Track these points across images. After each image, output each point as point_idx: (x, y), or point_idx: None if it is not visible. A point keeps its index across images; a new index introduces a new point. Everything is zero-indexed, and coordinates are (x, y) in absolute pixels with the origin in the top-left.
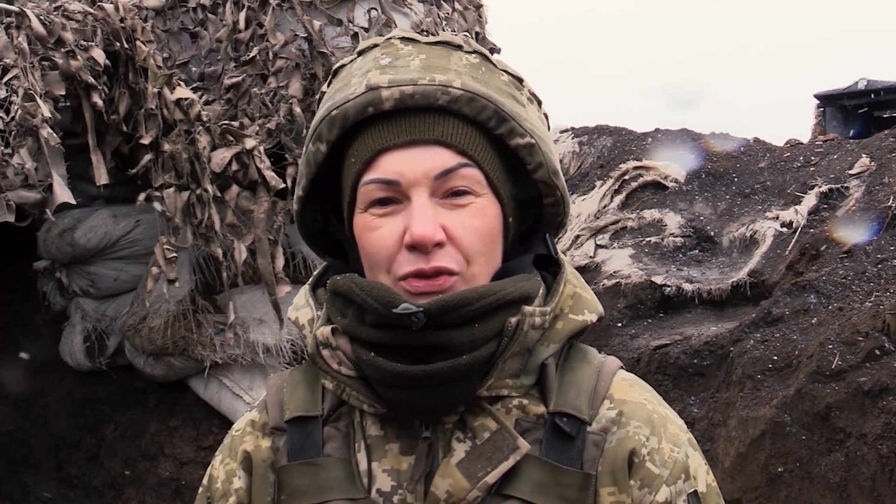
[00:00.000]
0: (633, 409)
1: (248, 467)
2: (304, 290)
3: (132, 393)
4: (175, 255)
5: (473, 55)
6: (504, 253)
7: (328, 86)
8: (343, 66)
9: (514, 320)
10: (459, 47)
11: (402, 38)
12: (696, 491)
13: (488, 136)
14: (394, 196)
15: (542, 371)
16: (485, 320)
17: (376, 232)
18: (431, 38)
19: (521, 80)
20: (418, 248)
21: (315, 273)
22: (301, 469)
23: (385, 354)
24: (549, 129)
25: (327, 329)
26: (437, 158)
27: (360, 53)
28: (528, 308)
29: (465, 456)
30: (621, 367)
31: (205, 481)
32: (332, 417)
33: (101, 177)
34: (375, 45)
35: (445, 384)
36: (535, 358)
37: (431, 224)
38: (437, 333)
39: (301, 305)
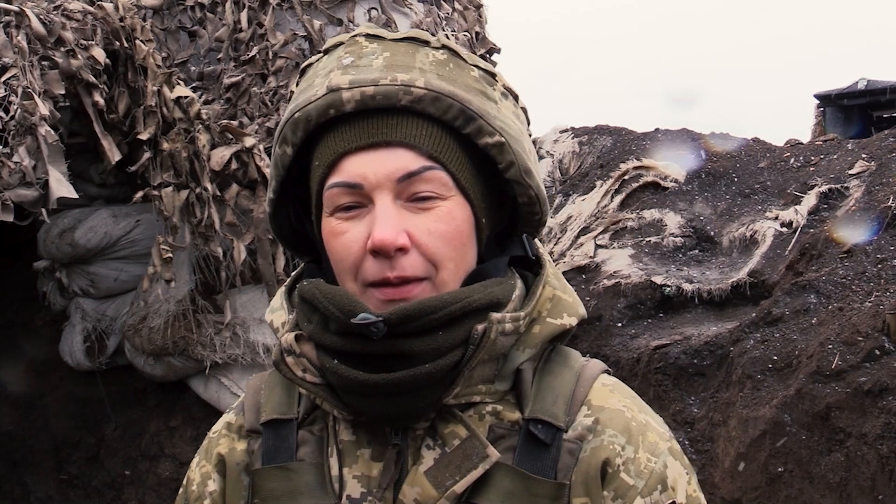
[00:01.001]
0: (611, 416)
1: (222, 470)
2: (280, 292)
3: (132, 393)
4: (171, 255)
5: (441, 51)
6: (480, 254)
7: (296, 85)
8: (309, 65)
9: (480, 328)
10: (427, 43)
11: (368, 36)
12: (674, 502)
13: (456, 135)
14: (358, 200)
15: (518, 377)
16: (449, 328)
17: (342, 237)
18: (398, 34)
19: (493, 75)
20: (380, 253)
21: (293, 274)
22: (274, 473)
23: (348, 362)
24: (528, 123)
25: (291, 336)
26: (401, 161)
27: (326, 52)
28: (496, 315)
29: (434, 464)
30: (605, 371)
31: (184, 482)
32: (307, 421)
33: (115, 155)
34: (341, 44)
35: (408, 392)
36: (510, 363)
37: (393, 229)
38: (400, 342)
39: (276, 308)
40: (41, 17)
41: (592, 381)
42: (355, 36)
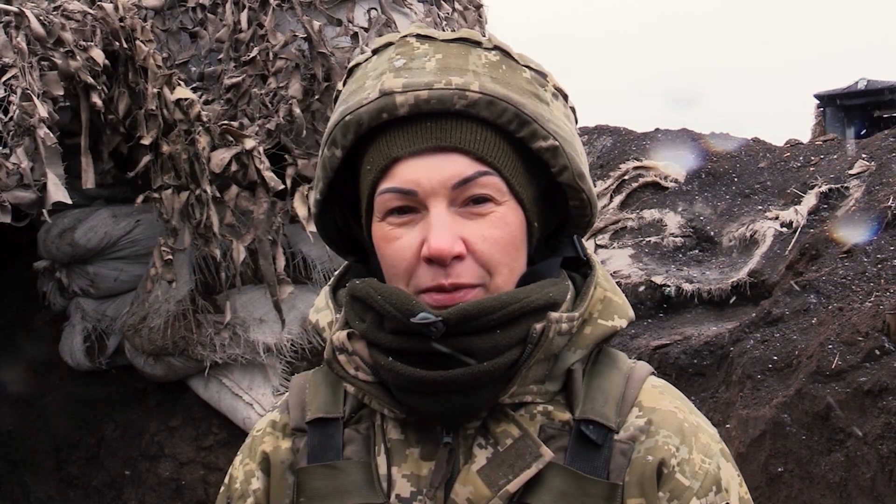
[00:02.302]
0: (663, 417)
1: (266, 468)
2: (325, 291)
3: (132, 393)
4: (171, 257)
5: (493, 52)
6: (530, 256)
7: (343, 85)
8: (358, 65)
9: (539, 327)
10: (479, 44)
11: (419, 36)
12: None
13: (509, 139)
14: (411, 205)
15: (569, 377)
16: (508, 327)
17: (394, 243)
18: (450, 35)
19: (545, 76)
20: (436, 261)
21: (336, 274)
22: (320, 471)
23: (403, 360)
24: (576, 122)
25: (343, 334)
26: (455, 166)
27: (376, 52)
28: (553, 315)
29: (487, 463)
30: (652, 374)
31: (226, 480)
32: (353, 420)
33: (88, 180)
34: (391, 44)
35: (465, 391)
36: (561, 363)
37: (449, 237)
38: (458, 340)
39: (321, 308)
40: (40, 17)
41: (642, 382)
42: (406, 36)
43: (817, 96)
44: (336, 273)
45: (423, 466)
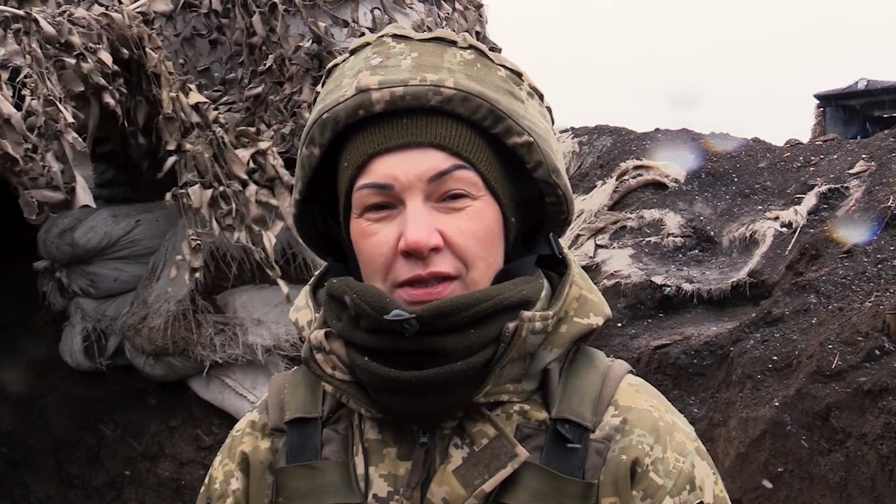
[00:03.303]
0: (638, 416)
1: (245, 469)
2: (305, 290)
3: (132, 393)
4: (199, 242)
5: (468, 51)
6: (506, 253)
7: (322, 86)
8: (336, 65)
9: (511, 326)
10: (454, 43)
11: (395, 36)
12: (701, 502)
13: (485, 135)
14: (388, 201)
15: (545, 376)
16: (481, 326)
17: (372, 238)
18: (425, 35)
19: (520, 75)
20: (413, 254)
21: (316, 273)
22: (299, 472)
23: (379, 359)
24: (552, 122)
25: (321, 333)
26: (431, 161)
27: (353, 52)
28: (527, 313)
29: (463, 463)
30: (630, 372)
31: (205, 481)
32: (332, 419)
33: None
34: (368, 44)
35: (439, 390)
36: (537, 362)
37: (426, 229)
38: (432, 339)
39: (301, 307)
40: (49, 20)
41: (618, 381)
42: (382, 36)
43: (817, 96)
44: (317, 272)
45: (400, 466)
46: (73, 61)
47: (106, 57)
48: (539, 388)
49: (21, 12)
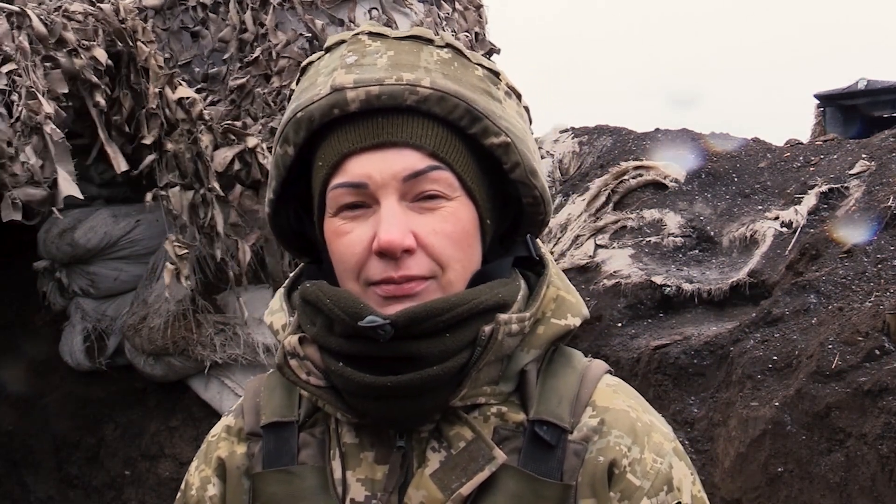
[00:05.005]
0: (616, 417)
1: (221, 474)
2: (279, 293)
3: (132, 393)
4: (186, 251)
5: (445, 49)
6: (483, 255)
7: (296, 83)
8: (311, 63)
9: (487, 329)
10: (430, 41)
11: (371, 34)
12: (679, 503)
13: (461, 135)
14: (362, 200)
15: (522, 378)
16: (456, 330)
17: (345, 238)
18: (401, 33)
19: (497, 74)
20: (387, 254)
21: (290, 276)
22: (275, 477)
23: (354, 364)
24: (530, 122)
25: (294, 338)
26: (406, 161)
27: (328, 50)
28: (503, 316)
29: (440, 466)
30: (608, 372)
31: (182, 487)
32: (308, 423)
33: (121, 164)
34: (343, 41)
35: (415, 395)
36: (514, 364)
37: (400, 230)
38: (407, 344)
39: (276, 310)
40: (42, 17)
41: (596, 381)
42: (358, 34)
43: (817, 96)
44: (291, 275)
45: (377, 470)
46: (64, 59)
47: (100, 54)
48: (517, 389)
49: (14, 7)
